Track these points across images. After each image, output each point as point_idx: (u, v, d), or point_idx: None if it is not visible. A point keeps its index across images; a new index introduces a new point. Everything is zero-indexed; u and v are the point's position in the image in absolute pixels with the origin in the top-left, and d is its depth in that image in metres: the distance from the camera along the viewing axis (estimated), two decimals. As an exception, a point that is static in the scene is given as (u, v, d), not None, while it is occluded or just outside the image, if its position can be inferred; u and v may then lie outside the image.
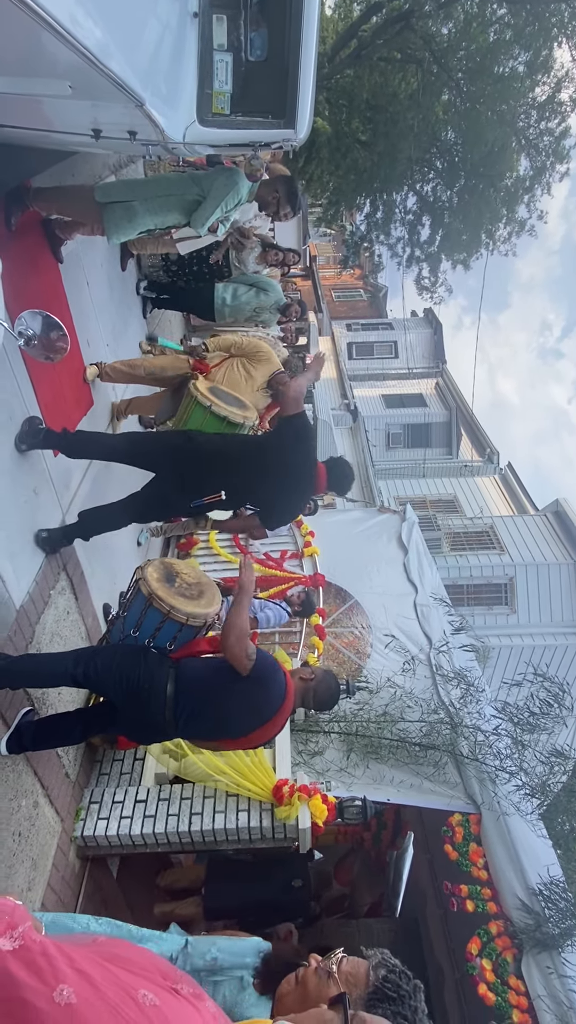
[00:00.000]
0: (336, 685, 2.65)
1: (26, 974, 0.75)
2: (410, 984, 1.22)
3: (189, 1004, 0.85)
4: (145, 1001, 0.80)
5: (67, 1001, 0.74)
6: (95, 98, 1.71)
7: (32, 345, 1.68)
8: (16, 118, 1.99)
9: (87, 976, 0.79)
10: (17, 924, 0.80)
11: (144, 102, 1.73)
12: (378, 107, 10.57)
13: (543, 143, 10.65)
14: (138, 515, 3.30)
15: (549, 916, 3.41)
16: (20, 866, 2.76)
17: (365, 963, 1.23)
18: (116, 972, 0.82)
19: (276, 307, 4.86)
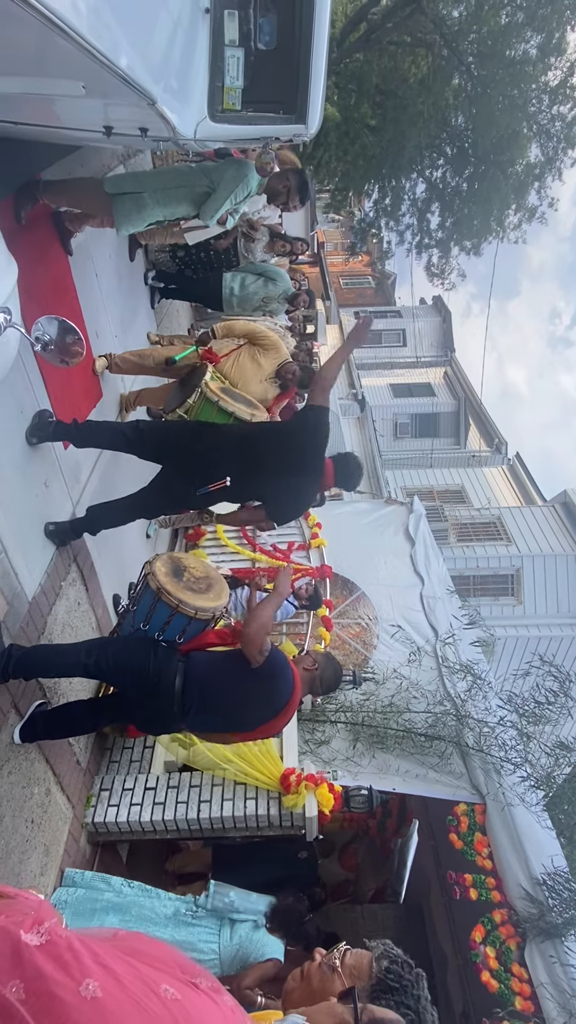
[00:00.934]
0: (338, 666, 2.74)
1: (53, 968, 0.77)
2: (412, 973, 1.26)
3: (208, 998, 0.88)
4: (167, 995, 0.82)
5: (93, 995, 0.76)
6: (107, 97, 1.71)
7: (48, 350, 1.70)
8: (29, 116, 1.99)
9: (111, 971, 0.81)
10: (43, 919, 0.83)
11: (156, 100, 1.72)
12: (388, 92, 10.42)
13: (555, 128, 10.49)
14: (145, 511, 3.32)
15: (553, 905, 3.45)
16: (33, 852, 2.83)
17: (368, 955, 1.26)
18: (138, 967, 0.84)
19: (284, 296, 4.83)
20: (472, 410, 17.02)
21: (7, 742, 2.67)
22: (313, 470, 3.03)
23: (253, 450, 3.03)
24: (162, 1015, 0.79)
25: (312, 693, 2.72)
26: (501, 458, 14.93)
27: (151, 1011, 0.79)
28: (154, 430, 3.20)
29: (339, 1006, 0.99)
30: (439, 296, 21.31)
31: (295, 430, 3.03)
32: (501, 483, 12.77)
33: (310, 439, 2.97)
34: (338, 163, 11.84)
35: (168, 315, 6.24)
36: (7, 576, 2.76)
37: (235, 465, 2.98)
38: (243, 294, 4.70)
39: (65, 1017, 0.74)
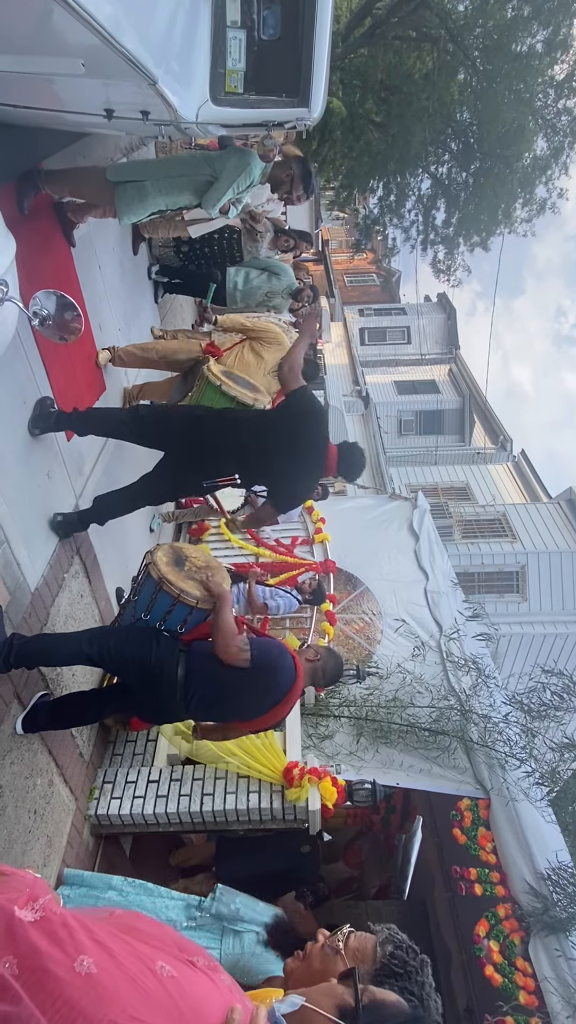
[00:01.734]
0: (340, 658, 2.74)
1: (47, 944, 0.77)
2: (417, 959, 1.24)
3: (205, 976, 0.87)
4: (163, 972, 0.81)
5: (87, 971, 0.76)
6: (108, 77, 1.70)
7: (46, 325, 1.68)
8: (28, 98, 1.98)
9: (106, 947, 0.80)
10: (38, 896, 0.82)
11: (157, 80, 1.71)
12: (392, 87, 10.39)
13: (561, 123, 10.43)
14: (151, 496, 3.30)
15: (557, 900, 3.43)
16: (36, 843, 2.82)
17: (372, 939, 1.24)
18: (134, 944, 0.84)
19: (288, 291, 4.82)
20: (477, 407, 16.96)
21: (9, 732, 2.66)
22: (315, 450, 2.99)
23: (253, 434, 3.01)
24: (157, 992, 0.78)
25: (314, 684, 2.72)
26: (506, 455, 14.86)
27: (146, 988, 0.78)
28: (154, 416, 3.19)
29: (339, 987, 0.97)
30: (444, 293, 21.27)
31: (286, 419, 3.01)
32: (506, 480, 12.71)
33: (307, 420, 2.95)
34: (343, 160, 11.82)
35: (172, 310, 6.24)
36: (9, 566, 2.75)
37: (236, 450, 2.96)
38: (247, 288, 4.69)
39: (59, 993, 0.74)
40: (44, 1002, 0.73)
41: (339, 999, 0.94)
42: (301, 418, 2.96)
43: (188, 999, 0.80)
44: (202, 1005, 0.81)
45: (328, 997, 0.95)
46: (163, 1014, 0.77)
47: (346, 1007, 0.92)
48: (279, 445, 2.95)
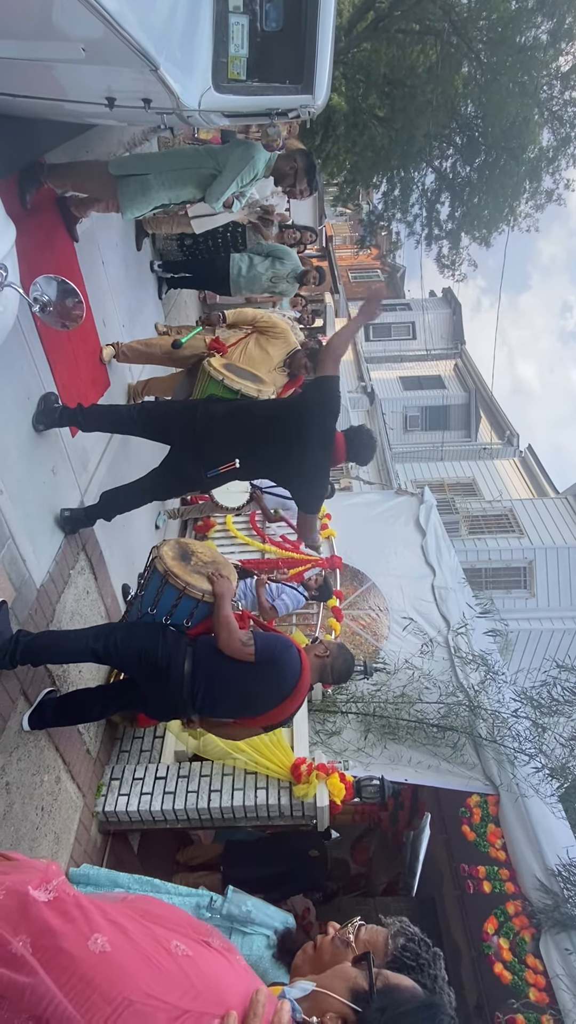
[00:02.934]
0: (351, 656, 2.69)
1: (61, 923, 0.76)
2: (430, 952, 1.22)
3: (221, 956, 0.86)
4: (178, 951, 0.81)
5: (102, 949, 0.75)
6: (109, 63, 1.67)
7: (47, 312, 1.66)
8: (29, 87, 1.96)
9: (120, 927, 0.80)
10: (51, 878, 0.82)
11: (159, 66, 1.68)
12: (396, 81, 10.33)
13: (567, 114, 10.34)
14: (157, 490, 3.28)
15: (568, 896, 3.40)
16: (43, 839, 2.81)
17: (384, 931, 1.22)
18: (148, 925, 0.83)
19: (293, 275, 4.74)
20: (483, 402, 16.87)
21: (16, 729, 2.66)
22: (323, 442, 2.94)
23: (260, 424, 2.98)
24: (172, 970, 0.78)
25: (323, 681, 2.68)
26: (513, 450, 14.78)
27: (161, 965, 0.77)
28: (160, 410, 3.17)
29: (353, 970, 0.96)
30: (449, 288, 21.17)
31: (305, 400, 2.95)
32: (513, 475, 12.64)
33: (320, 409, 2.89)
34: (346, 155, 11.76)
35: (176, 306, 6.22)
36: (15, 563, 2.74)
37: (241, 440, 2.93)
38: (251, 274, 4.63)
39: (73, 970, 0.73)
40: (59, 979, 0.73)
41: (352, 982, 0.93)
42: (322, 404, 2.88)
43: (203, 977, 0.79)
44: (218, 984, 0.80)
45: (341, 980, 0.94)
46: (178, 991, 0.76)
47: (359, 990, 0.91)
48: (289, 430, 2.89)
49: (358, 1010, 0.88)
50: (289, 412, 2.97)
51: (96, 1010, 0.72)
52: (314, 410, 2.89)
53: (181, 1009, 0.75)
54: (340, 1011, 0.89)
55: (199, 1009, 0.76)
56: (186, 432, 3.01)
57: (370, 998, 0.89)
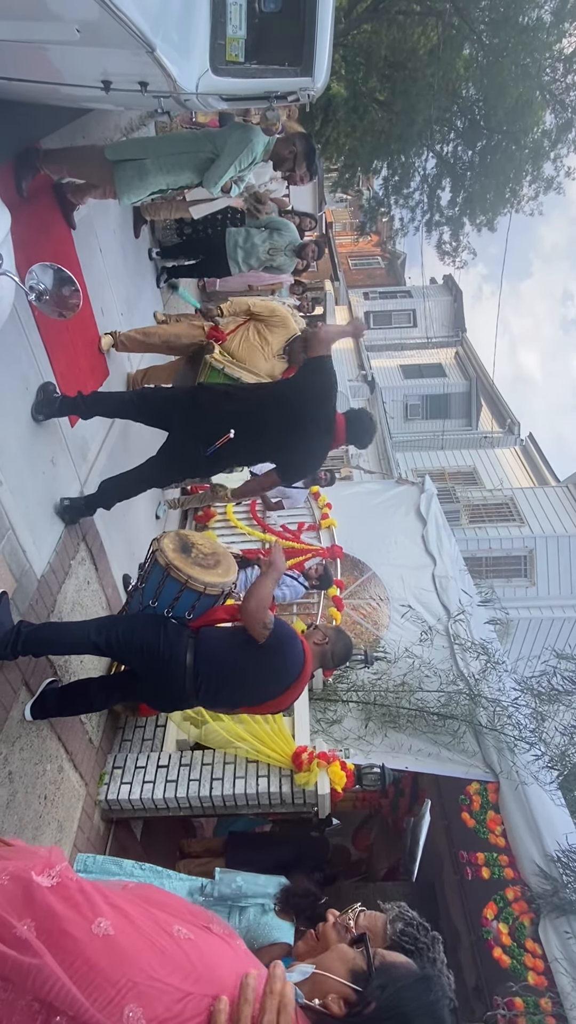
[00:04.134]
0: (348, 639, 2.72)
1: (65, 907, 0.77)
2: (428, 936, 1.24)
3: (222, 940, 0.87)
4: (180, 935, 0.82)
5: (105, 932, 0.76)
6: (104, 45, 1.64)
7: (43, 301, 1.64)
8: (23, 70, 1.92)
9: (123, 911, 0.81)
10: (54, 864, 0.83)
11: (155, 48, 1.65)
12: (396, 64, 10.18)
13: (569, 98, 10.20)
14: (156, 477, 3.27)
15: (567, 882, 3.43)
16: (47, 828, 2.83)
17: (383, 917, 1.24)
18: (150, 910, 0.84)
19: (291, 248, 4.65)
20: (484, 390, 16.80)
21: (18, 719, 2.67)
22: (321, 422, 2.93)
23: (257, 405, 2.97)
24: (175, 953, 0.79)
25: (323, 667, 2.70)
26: (514, 439, 14.74)
27: (164, 950, 0.78)
28: (159, 396, 3.16)
29: (350, 951, 0.98)
30: (450, 275, 21.02)
31: (299, 380, 2.96)
32: (514, 464, 12.62)
33: (317, 386, 2.89)
34: (346, 140, 11.63)
35: (174, 295, 6.17)
36: (15, 554, 2.74)
37: (239, 421, 2.91)
38: (247, 247, 4.52)
39: (78, 953, 0.74)
40: (64, 961, 0.73)
41: (351, 963, 0.94)
42: (311, 382, 2.90)
43: (205, 960, 0.80)
44: (218, 967, 0.81)
45: (340, 962, 0.96)
46: (180, 974, 0.77)
47: (358, 970, 0.93)
48: (285, 409, 2.89)
49: (359, 989, 0.89)
50: (286, 393, 2.96)
51: (100, 991, 0.72)
52: (311, 391, 2.89)
53: (184, 991, 0.76)
54: (341, 991, 0.90)
55: (201, 991, 0.77)
56: (184, 415, 3.00)
57: (369, 977, 0.91)
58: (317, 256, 4.86)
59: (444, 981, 1.15)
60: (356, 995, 0.89)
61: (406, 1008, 0.88)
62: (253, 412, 2.94)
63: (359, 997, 0.89)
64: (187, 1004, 0.75)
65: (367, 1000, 0.88)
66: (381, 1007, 0.87)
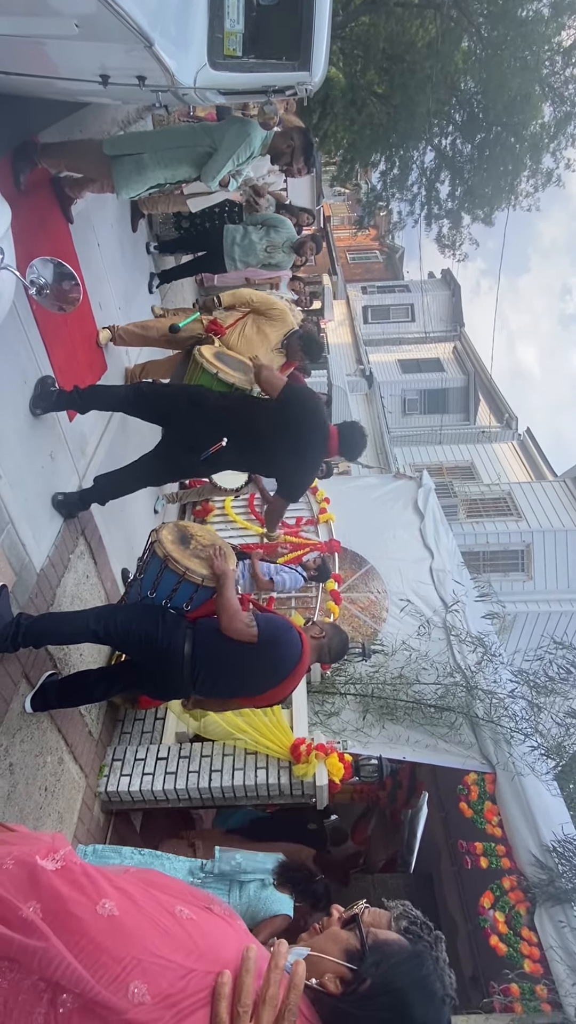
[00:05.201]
0: (345, 635, 2.74)
1: (69, 889, 0.79)
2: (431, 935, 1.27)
3: (223, 920, 0.89)
4: (182, 915, 0.84)
5: (110, 913, 0.78)
6: (102, 39, 1.65)
7: (43, 295, 1.65)
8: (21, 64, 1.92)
9: (127, 893, 0.83)
10: (58, 848, 0.84)
11: (153, 42, 1.66)
12: (395, 57, 10.14)
13: (568, 91, 10.17)
14: (151, 475, 3.29)
15: (562, 871, 3.47)
16: (47, 819, 2.86)
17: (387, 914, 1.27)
18: (153, 892, 0.86)
19: (289, 244, 4.64)
20: (482, 385, 16.80)
21: (18, 711, 2.69)
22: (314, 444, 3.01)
23: (251, 418, 3.00)
24: (178, 932, 0.81)
25: (321, 661, 2.72)
26: (511, 433, 14.75)
27: (168, 929, 0.80)
28: (155, 392, 3.17)
29: (343, 932, 1.00)
30: (448, 269, 20.97)
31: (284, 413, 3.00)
32: (511, 459, 12.64)
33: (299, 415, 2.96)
34: (344, 133, 11.59)
35: (172, 288, 6.16)
36: (15, 547, 2.75)
37: (233, 432, 2.95)
38: (245, 243, 4.53)
39: (82, 933, 0.76)
40: (69, 942, 0.75)
41: (344, 943, 0.97)
42: (295, 415, 2.97)
43: (207, 939, 0.83)
44: (221, 946, 0.83)
45: (333, 943, 0.98)
46: (183, 951, 0.79)
47: (352, 950, 0.95)
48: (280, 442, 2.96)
49: (354, 968, 0.92)
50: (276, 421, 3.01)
51: (106, 969, 0.74)
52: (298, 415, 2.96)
53: (187, 968, 0.78)
54: (337, 971, 0.93)
55: (204, 968, 0.79)
56: (179, 417, 3.02)
57: (363, 955, 0.93)
58: (315, 251, 4.86)
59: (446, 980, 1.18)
60: (351, 973, 0.92)
61: (400, 983, 0.90)
62: (248, 427, 2.98)
63: (354, 975, 0.91)
64: (190, 980, 0.78)
65: (362, 978, 0.90)
66: (376, 984, 0.90)
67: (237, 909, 2.72)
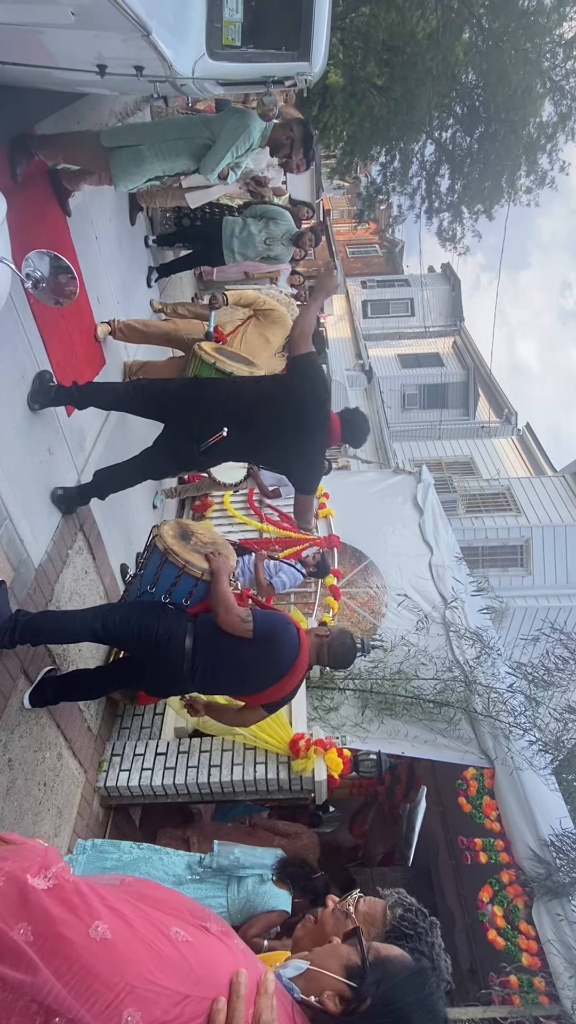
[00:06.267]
0: (352, 643, 2.64)
1: (61, 911, 0.76)
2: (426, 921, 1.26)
3: (219, 941, 0.87)
4: (178, 937, 0.81)
5: (102, 936, 0.76)
6: (99, 28, 1.62)
7: (40, 288, 1.63)
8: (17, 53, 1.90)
9: (120, 913, 0.80)
10: (50, 864, 0.82)
11: (151, 31, 1.63)
12: (395, 48, 10.05)
13: (569, 85, 10.09)
14: (151, 470, 3.27)
15: (560, 866, 3.47)
16: (47, 814, 2.86)
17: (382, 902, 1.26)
18: (147, 911, 0.83)
19: (288, 237, 4.60)
20: (481, 380, 16.76)
21: (17, 707, 2.68)
22: (317, 424, 2.93)
23: (251, 405, 2.96)
24: (173, 956, 0.78)
25: (319, 661, 2.65)
26: (511, 428, 14.74)
27: (162, 952, 0.78)
28: (155, 388, 3.15)
29: (343, 946, 0.98)
30: (448, 263, 20.90)
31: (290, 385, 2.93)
32: (511, 454, 12.63)
33: (306, 391, 2.87)
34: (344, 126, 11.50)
35: (171, 282, 6.13)
36: (13, 543, 2.74)
37: (233, 418, 2.91)
38: (244, 235, 4.47)
39: (74, 958, 0.74)
40: (60, 968, 0.73)
41: (345, 958, 0.94)
42: (300, 382, 2.88)
43: (203, 963, 0.80)
44: (216, 969, 0.81)
45: (333, 958, 0.96)
46: (178, 977, 0.77)
47: (353, 966, 0.93)
48: (280, 414, 2.89)
49: (354, 985, 0.90)
50: (280, 396, 2.94)
51: (98, 996, 0.72)
52: (303, 394, 2.86)
53: (182, 994, 0.76)
54: (336, 988, 0.91)
55: (199, 993, 0.77)
56: (178, 409, 3.00)
57: (364, 973, 0.91)
58: (314, 244, 4.82)
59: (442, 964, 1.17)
60: (351, 991, 0.89)
61: (401, 1003, 0.88)
62: (247, 411, 2.93)
63: (354, 993, 0.89)
64: (186, 1006, 0.76)
65: (363, 996, 0.88)
66: (376, 1003, 0.87)
67: (235, 903, 2.72)
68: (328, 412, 2.98)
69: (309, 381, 2.89)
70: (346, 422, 3.05)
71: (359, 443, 3.17)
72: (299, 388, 2.89)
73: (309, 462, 3.05)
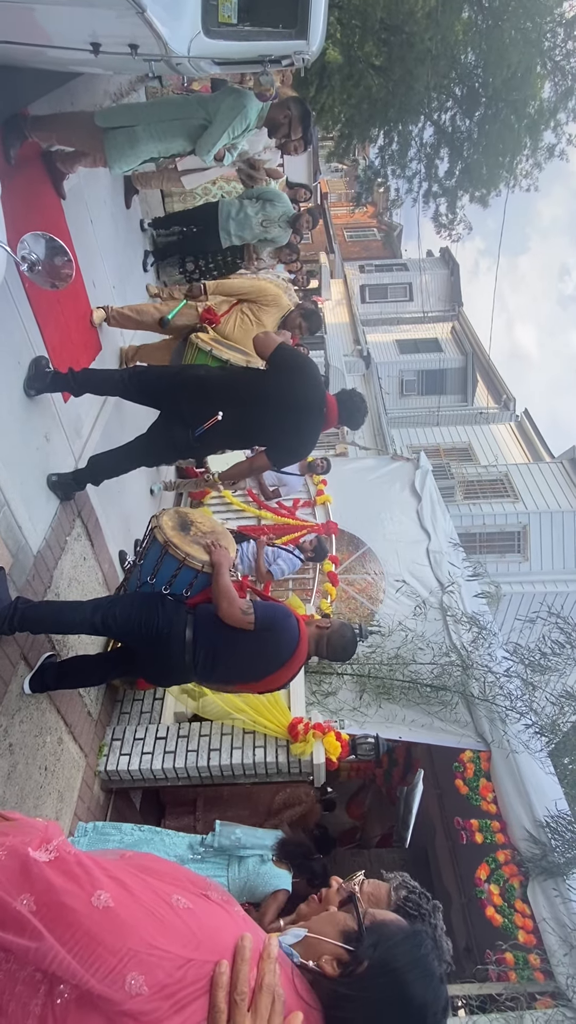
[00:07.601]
0: (352, 636, 2.63)
1: (64, 881, 0.77)
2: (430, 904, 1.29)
3: (220, 908, 0.88)
4: (179, 904, 0.82)
5: (105, 904, 0.77)
6: (93, 5, 1.59)
7: (35, 271, 1.61)
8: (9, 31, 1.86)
9: (122, 883, 0.81)
10: (51, 838, 0.82)
11: (145, 8, 1.60)
12: (393, 28, 9.88)
13: (570, 65, 9.95)
14: (146, 456, 3.26)
15: (555, 846, 3.52)
16: (48, 798, 2.89)
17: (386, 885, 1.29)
18: (148, 880, 0.85)
19: (285, 219, 4.54)
20: (480, 366, 16.70)
21: (17, 692, 2.70)
22: (312, 406, 2.92)
23: (246, 389, 2.95)
24: (175, 922, 0.80)
25: (317, 653, 2.65)
26: (509, 415, 14.71)
27: (164, 918, 0.79)
28: (151, 375, 3.13)
29: (340, 914, 1.00)
30: (446, 248, 20.72)
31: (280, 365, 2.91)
32: (509, 440, 12.61)
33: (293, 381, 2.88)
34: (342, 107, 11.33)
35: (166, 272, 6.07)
36: (11, 530, 2.74)
37: (228, 404, 2.89)
38: (240, 217, 4.41)
39: (78, 925, 0.75)
40: (64, 935, 0.74)
41: (342, 924, 0.97)
42: (287, 373, 2.88)
43: (204, 928, 0.82)
44: (218, 934, 0.83)
45: (331, 925, 0.98)
46: (180, 942, 0.78)
47: (349, 931, 0.95)
48: (273, 402, 2.88)
49: (351, 949, 0.92)
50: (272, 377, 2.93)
51: (102, 962, 0.73)
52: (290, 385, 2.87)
53: (184, 958, 0.77)
54: (334, 953, 0.93)
55: (202, 957, 0.78)
56: (173, 395, 2.98)
57: (360, 937, 0.93)
58: (312, 226, 4.77)
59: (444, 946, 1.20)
60: (349, 955, 0.91)
61: (397, 964, 0.90)
62: (242, 396, 2.92)
63: (351, 957, 0.91)
64: (188, 970, 0.77)
65: (360, 959, 0.90)
66: (373, 965, 0.90)
67: (236, 882, 2.76)
68: (323, 391, 2.96)
69: (298, 362, 2.89)
70: (343, 403, 3.03)
71: (357, 424, 3.15)
72: (291, 371, 2.89)
73: (292, 442, 3.03)
